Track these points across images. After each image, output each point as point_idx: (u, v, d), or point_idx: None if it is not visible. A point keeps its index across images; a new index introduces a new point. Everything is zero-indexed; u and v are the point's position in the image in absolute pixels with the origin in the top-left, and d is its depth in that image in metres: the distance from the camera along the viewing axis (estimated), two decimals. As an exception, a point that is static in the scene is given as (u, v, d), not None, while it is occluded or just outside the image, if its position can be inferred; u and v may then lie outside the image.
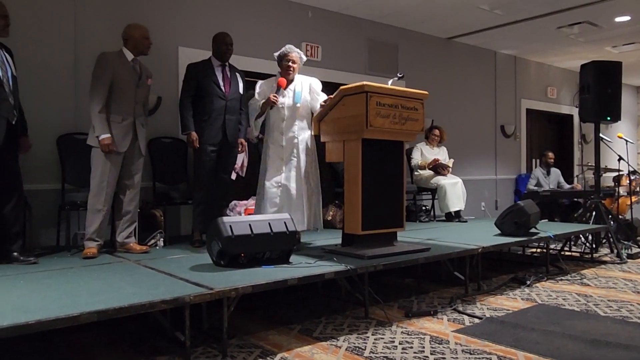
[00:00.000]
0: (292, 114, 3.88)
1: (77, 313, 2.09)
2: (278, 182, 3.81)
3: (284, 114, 3.87)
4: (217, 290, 2.49)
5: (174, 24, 4.95)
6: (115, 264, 3.31)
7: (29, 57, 4.09)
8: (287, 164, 3.84)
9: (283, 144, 3.85)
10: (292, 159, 3.85)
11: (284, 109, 3.87)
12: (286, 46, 3.94)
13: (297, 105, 3.87)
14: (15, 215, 3.38)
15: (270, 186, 3.80)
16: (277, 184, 3.80)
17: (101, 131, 3.53)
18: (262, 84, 4.00)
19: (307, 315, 3.26)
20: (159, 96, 4.78)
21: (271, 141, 3.90)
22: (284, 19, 5.72)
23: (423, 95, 3.63)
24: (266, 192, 3.80)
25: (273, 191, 3.80)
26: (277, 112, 3.87)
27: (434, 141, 6.25)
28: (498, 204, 8.03)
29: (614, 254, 5.43)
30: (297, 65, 3.92)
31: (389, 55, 6.69)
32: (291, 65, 3.88)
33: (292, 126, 3.88)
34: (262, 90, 3.95)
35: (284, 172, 3.82)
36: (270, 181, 3.81)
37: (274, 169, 3.83)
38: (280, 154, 3.84)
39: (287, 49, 3.91)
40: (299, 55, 3.92)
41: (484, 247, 3.88)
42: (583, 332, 2.89)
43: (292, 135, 3.87)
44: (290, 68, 3.88)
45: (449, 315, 3.25)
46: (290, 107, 3.87)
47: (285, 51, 3.91)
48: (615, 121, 5.86)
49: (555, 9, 6.10)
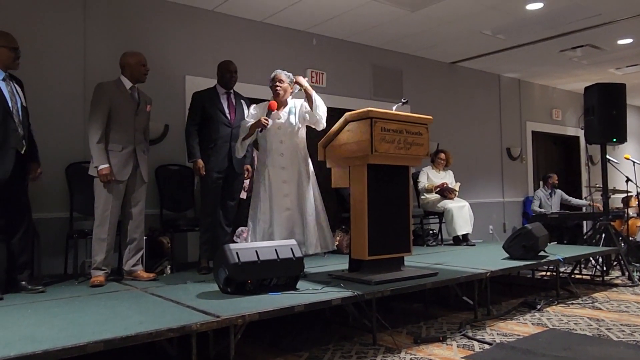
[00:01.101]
0: (291, 136, 3.84)
1: (84, 342, 2.08)
2: (286, 206, 3.75)
3: (281, 136, 3.83)
4: (223, 317, 2.48)
5: (181, 52, 5.05)
6: (122, 292, 3.31)
7: (39, 87, 4.17)
8: (292, 187, 3.78)
9: (284, 165, 3.80)
10: (297, 181, 3.80)
11: (281, 130, 3.83)
12: (278, 70, 3.94)
13: (294, 127, 3.84)
14: (23, 245, 3.40)
15: (279, 211, 3.74)
16: (286, 206, 3.75)
17: (99, 162, 3.55)
18: (256, 107, 3.97)
19: (314, 343, 3.22)
20: (166, 124, 4.84)
21: (270, 164, 3.82)
22: (289, 47, 5.81)
23: (427, 120, 3.66)
24: (274, 218, 3.73)
25: (283, 216, 3.73)
26: (274, 134, 3.81)
27: (440, 165, 6.26)
28: (506, 227, 7.99)
29: (626, 277, 5.35)
30: (286, 85, 3.87)
31: (394, 80, 6.76)
32: (278, 85, 3.84)
33: (292, 148, 3.84)
34: (255, 113, 3.90)
35: (289, 195, 3.77)
36: (278, 206, 3.75)
37: (278, 193, 3.76)
38: (283, 176, 3.79)
39: (275, 72, 3.90)
40: (287, 76, 3.88)
41: (492, 271, 3.85)
42: (596, 357, 2.84)
43: (293, 157, 3.83)
44: (278, 88, 3.83)
45: (458, 341, 3.21)
46: (287, 128, 3.83)
47: (273, 74, 3.90)
48: (622, 142, 5.85)
49: (557, 32, 6.17)
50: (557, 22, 5.83)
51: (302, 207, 3.79)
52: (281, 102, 3.87)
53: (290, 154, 3.83)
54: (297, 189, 3.80)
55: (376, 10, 5.36)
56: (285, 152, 3.82)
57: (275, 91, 3.86)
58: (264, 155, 3.87)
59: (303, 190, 3.81)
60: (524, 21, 5.78)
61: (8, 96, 3.25)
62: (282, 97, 3.87)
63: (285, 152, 3.82)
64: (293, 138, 3.85)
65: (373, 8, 5.31)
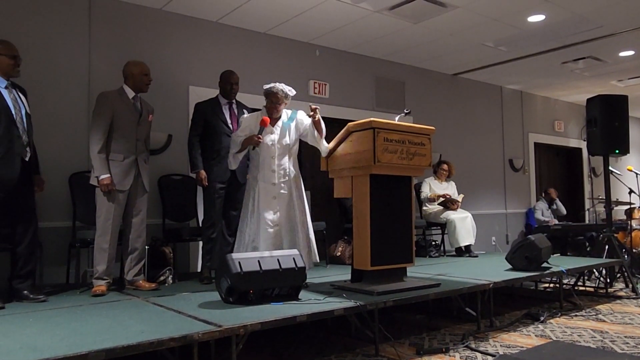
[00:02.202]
0: (283, 151, 3.78)
1: (86, 351, 2.07)
2: (274, 222, 3.69)
3: (274, 151, 3.76)
4: (225, 327, 2.47)
5: (185, 63, 5.09)
6: (124, 302, 3.31)
7: (43, 96, 4.20)
8: (281, 202, 3.73)
9: (275, 181, 3.74)
10: (286, 197, 3.75)
11: (274, 145, 3.77)
12: (274, 85, 3.78)
13: (287, 142, 3.79)
14: (29, 254, 3.40)
15: (265, 227, 3.66)
16: (273, 223, 3.68)
17: (100, 171, 3.56)
18: (247, 118, 3.89)
19: (316, 353, 3.21)
20: (170, 134, 4.87)
21: (261, 179, 3.75)
22: (292, 57, 5.85)
23: (430, 130, 3.67)
24: (260, 233, 3.66)
25: (270, 232, 3.66)
26: (266, 149, 3.75)
27: (442, 176, 6.26)
28: (509, 239, 7.97)
29: (629, 289, 5.32)
30: (281, 106, 3.79)
31: (396, 91, 6.79)
32: (276, 106, 3.76)
33: (284, 163, 3.78)
34: (247, 125, 3.81)
35: (279, 211, 3.71)
36: (265, 221, 3.67)
37: (266, 208, 3.69)
38: (273, 192, 3.72)
39: (273, 89, 3.76)
40: (284, 94, 3.76)
41: (495, 282, 3.83)
42: (600, 369, 2.82)
43: (284, 172, 3.77)
44: (273, 109, 3.77)
45: (461, 353, 3.19)
46: (280, 143, 3.78)
47: (270, 90, 3.77)
48: (624, 154, 5.85)
49: (559, 44, 6.20)
50: (559, 34, 5.86)
51: (291, 224, 3.74)
52: (274, 118, 3.81)
53: (282, 170, 3.77)
54: (287, 205, 3.75)
55: (379, 22, 5.40)
56: (277, 169, 3.76)
57: (271, 111, 3.78)
58: (255, 169, 3.81)
59: (294, 206, 3.76)
60: (525, 33, 5.82)
61: (11, 104, 3.27)
62: (276, 116, 3.81)
63: (277, 169, 3.76)
64: (286, 154, 3.80)
65: (376, 20, 5.35)
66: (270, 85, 3.80)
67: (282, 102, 3.79)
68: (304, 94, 5.93)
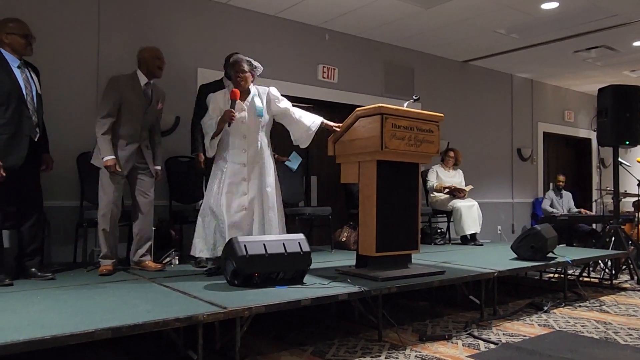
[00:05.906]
0: (254, 129, 3.56)
1: (92, 329, 2.10)
2: (243, 206, 3.47)
3: (244, 130, 3.53)
4: (230, 309, 2.49)
5: (193, 46, 5.06)
6: (130, 282, 3.34)
7: (53, 77, 4.19)
8: (253, 185, 3.51)
9: (246, 162, 3.51)
10: (258, 179, 3.54)
11: (244, 124, 3.53)
12: (235, 55, 3.63)
13: (259, 120, 3.57)
14: (35, 232, 3.43)
15: (233, 211, 3.44)
16: (242, 207, 3.47)
17: (105, 153, 3.55)
18: (213, 97, 3.60)
19: (320, 337, 3.23)
20: (177, 116, 4.86)
21: (230, 159, 3.51)
22: (301, 41, 5.81)
23: (439, 117, 3.64)
24: (225, 217, 3.41)
25: (238, 216, 3.44)
26: (236, 128, 3.49)
27: (449, 163, 6.24)
28: (514, 228, 7.95)
29: (634, 281, 5.31)
30: (248, 75, 3.54)
31: (405, 77, 6.73)
32: (241, 76, 3.51)
33: (256, 142, 3.55)
34: (216, 104, 3.54)
35: (248, 193, 3.49)
36: (232, 205, 3.44)
37: (235, 191, 3.47)
38: (243, 173, 3.49)
39: (236, 58, 3.57)
40: (248, 64, 3.55)
41: (500, 271, 3.83)
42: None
43: (256, 153, 3.55)
44: (240, 78, 3.51)
45: (464, 340, 3.20)
46: (251, 121, 3.55)
47: (233, 60, 3.57)
48: (634, 146, 5.80)
49: (572, 33, 6.11)
50: (572, 23, 5.78)
51: (262, 206, 3.53)
52: (243, 91, 3.56)
53: (254, 150, 3.55)
54: (258, 186, 3.54)
55: (389, 6, 5.34)
56: (248, 149, 3.54)
57: (237, 82, 3.53)
58: (224, 149, 3.55)
59: (264, 187, 3.55)
60: (538, 21, 5.73)
61: (23, 84, 3.27)
62: (244, 86, 3.56)
63: (248, 149, 3.53)
64: (258, 133, 3.58)
65: (386, 4, 5.29)
66: (234, 56, 3.63)
67: (248, 71, 3.54)
68: (312, 78, 5.90)
